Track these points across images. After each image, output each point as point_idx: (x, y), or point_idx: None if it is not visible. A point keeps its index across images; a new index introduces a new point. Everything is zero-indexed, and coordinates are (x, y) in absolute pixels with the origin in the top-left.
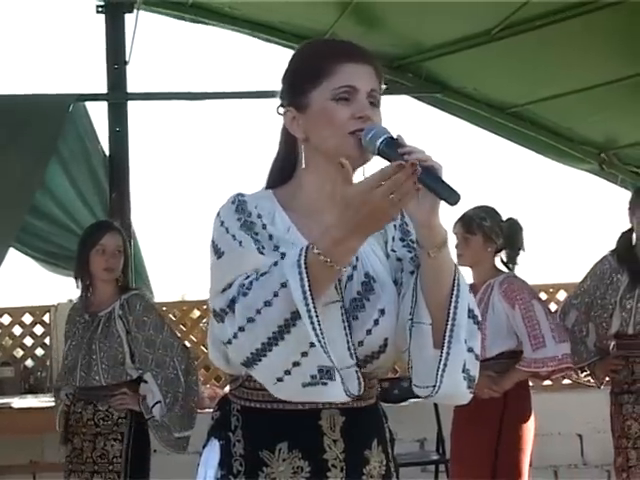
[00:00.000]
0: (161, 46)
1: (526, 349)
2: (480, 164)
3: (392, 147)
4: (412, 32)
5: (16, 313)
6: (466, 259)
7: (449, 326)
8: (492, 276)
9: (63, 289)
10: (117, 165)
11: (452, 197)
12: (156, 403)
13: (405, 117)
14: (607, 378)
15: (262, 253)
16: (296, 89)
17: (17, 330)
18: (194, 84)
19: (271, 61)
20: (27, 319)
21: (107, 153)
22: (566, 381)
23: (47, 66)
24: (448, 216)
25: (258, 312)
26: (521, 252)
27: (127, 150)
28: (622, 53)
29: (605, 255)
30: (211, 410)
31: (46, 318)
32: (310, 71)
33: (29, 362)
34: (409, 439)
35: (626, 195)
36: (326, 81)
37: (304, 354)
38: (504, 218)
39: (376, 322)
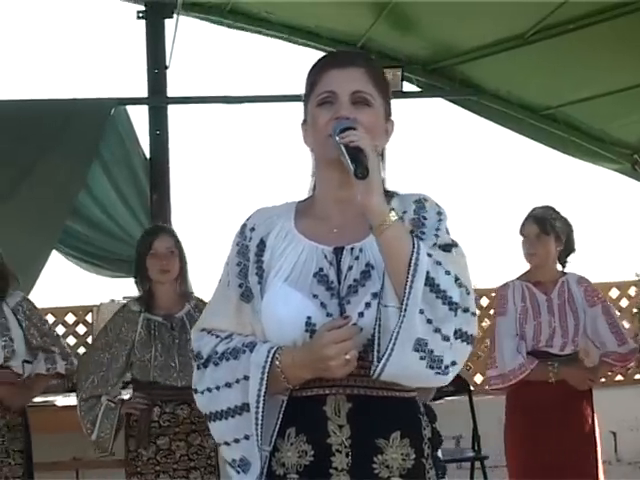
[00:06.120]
0: (200, 50)
1: (610, 344)
2: (513, 166)
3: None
4: (447, 35)
5: (59, 313)
6: (539, 258)
7: (403, 305)
8: (559, 275)
9: (105, 290)
10: (157, 167)
11: (359, 171)
12: None
13: (440, 120)
14: None
15: (243, 296)
16: (304, 105)
17: (60, 330)
18: (233, 88)
19: (308, 65)
20: (70, 319)
21: (148, 156)
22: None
23: (89, 71)
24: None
25: (217, 388)
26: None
27: (167, 153)
28: None
29: None
30: None
31: (88, 318)
32: (306, 86)
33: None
34: (444, 436)
35: None
36: (314, 91)
37: (236, 440)
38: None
39: (367, 305)
